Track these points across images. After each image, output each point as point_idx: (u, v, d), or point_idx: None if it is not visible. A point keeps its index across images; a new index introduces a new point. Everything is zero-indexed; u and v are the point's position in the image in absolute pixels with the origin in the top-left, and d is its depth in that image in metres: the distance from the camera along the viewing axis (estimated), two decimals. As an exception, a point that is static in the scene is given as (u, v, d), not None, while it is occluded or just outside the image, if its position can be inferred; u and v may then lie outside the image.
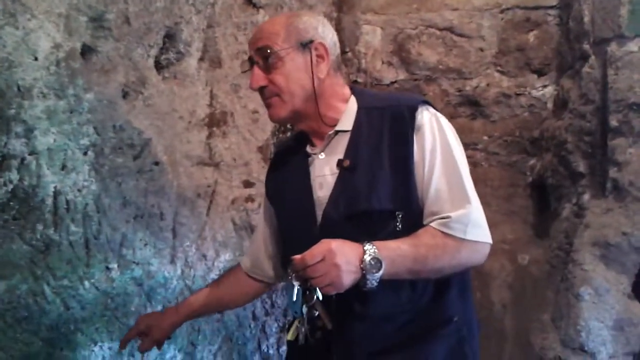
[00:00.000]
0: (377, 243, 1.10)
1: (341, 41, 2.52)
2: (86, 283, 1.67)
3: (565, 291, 2.11)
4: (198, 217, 2.03)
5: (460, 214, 1.16)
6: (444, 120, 1.24)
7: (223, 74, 2.21)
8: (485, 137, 2.55)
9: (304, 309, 1.07)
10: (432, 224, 1.17)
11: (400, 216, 1.18)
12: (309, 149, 1.32)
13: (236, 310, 2.06)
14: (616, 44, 2.03)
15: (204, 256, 2.02)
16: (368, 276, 1.07)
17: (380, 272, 1.07)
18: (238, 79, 2.24)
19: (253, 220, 2.15)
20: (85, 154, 1.71)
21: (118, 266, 1.76)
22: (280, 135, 2.35)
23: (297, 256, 1.06)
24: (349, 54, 2.52)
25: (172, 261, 1.94)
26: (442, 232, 1.15)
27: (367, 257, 1.07)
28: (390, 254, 1.10)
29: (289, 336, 1.17)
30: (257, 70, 1.24)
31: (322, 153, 1.28)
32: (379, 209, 1.18)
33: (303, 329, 1.11)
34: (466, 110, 2.57)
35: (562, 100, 2.35)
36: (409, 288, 1.21)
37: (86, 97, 1.72)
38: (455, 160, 1.20)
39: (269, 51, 1.21)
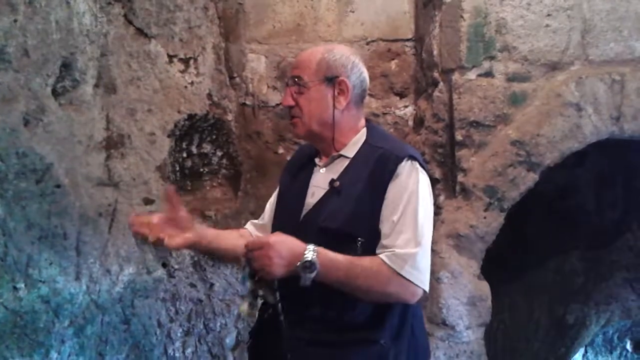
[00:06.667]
0: (321, 250, 1.28)
1: (229, 68, 2.79)
2: (-5, 303, 1.74)
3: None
4: (100, 235, 2.15)
5: (405, 252, 1.32)
6: (422, 175, 1.42)
7: (118, 99, 2.34)
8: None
9: (249, 285, 1.29)
10: (380, 254, 1.35)
11: (359, 242, 1.37)
12: (317, 160, 1.56)
13: (142, 319, 2.20)
14: (458, 73, 2.47)
15: (108, 271, 2.14)
16: (302, 274, 1.26)
17: (313, 274, 1.26)
18: (133, 104, 2.39)
19: (155, 235, 2.29)
20: (-11, 180, 1.78)
21: (25, 285, 1.84)
22: (177, 155, 2.53)
23: (249, 241, 1.28)
24: (237, 79, 2.77)
25: (77, 278, 2.04)
26: (383, 261, 1.33)
27: (304, 258, 1.25)
28: (326, 262, 1.28)
29: (240, 309, 1.38)
30: (289, 92, 1.48)
31: (324, 168, 1.51)
32: (346, 232, 1.38)
33: (247, 302, 1.31)
34: (344, 127, 2.92)
35: (420, 118, 2.78)
36: (350, 305, 1.38)
37: (-12, 126, 1.79)
38: (417, 208, 1.37)
39: (299, 80, 1.46)
